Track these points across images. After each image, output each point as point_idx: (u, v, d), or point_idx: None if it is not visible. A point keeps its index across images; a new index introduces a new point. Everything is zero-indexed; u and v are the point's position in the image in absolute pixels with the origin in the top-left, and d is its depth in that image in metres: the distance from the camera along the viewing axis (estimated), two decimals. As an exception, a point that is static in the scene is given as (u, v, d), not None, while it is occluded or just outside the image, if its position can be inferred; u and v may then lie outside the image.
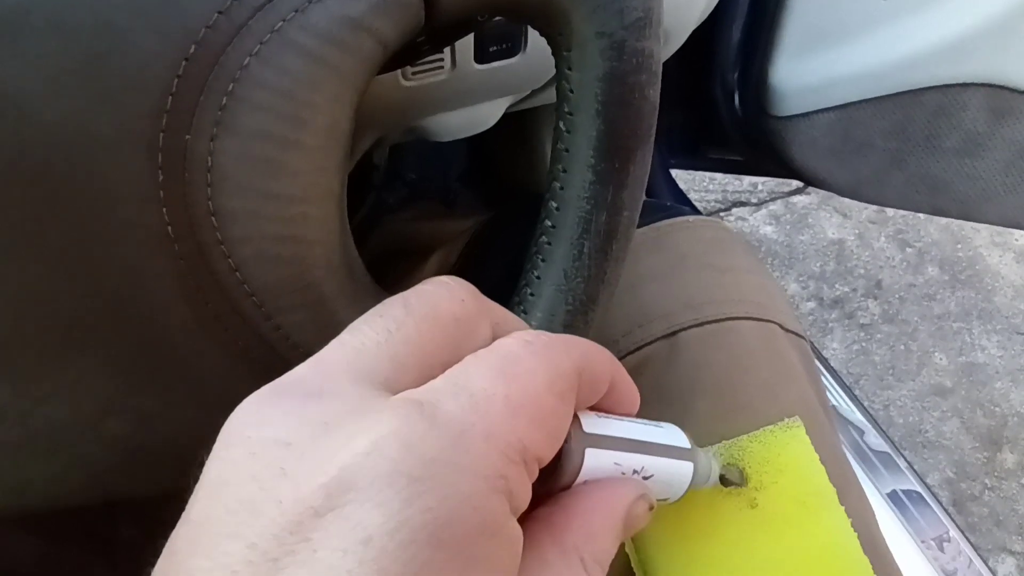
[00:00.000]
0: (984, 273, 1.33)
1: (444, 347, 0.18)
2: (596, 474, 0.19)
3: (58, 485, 0.28)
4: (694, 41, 0.51)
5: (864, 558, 0.27)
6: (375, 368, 0.17)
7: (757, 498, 0.28)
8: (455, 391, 0.16)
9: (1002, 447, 1.16)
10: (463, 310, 0.19)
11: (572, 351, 0.18)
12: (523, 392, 0.17)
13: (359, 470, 0.14)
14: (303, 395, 0.16)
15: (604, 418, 0.20)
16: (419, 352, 0.18)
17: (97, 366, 0.25)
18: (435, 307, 0.18)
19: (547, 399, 0.17)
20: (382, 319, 0.18)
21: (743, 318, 0.35)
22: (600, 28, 0.23)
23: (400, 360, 0.17)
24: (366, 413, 0.16)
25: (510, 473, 0.16)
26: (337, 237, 0.24)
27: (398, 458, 0.15)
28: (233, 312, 0.23)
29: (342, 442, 0.15)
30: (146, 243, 0.22)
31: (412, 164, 0.65)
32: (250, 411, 0.16)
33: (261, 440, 0.15)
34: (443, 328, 0.18)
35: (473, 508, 0.15)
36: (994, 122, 0.60)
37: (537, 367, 0.17)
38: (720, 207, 1.38)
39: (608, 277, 0.26)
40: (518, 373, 0.17)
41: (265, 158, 0.21)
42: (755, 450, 0.29)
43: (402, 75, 0.37)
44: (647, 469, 0.21)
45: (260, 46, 0.20)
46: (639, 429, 0.21)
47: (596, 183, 0.25)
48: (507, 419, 0.16)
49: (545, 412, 0.17)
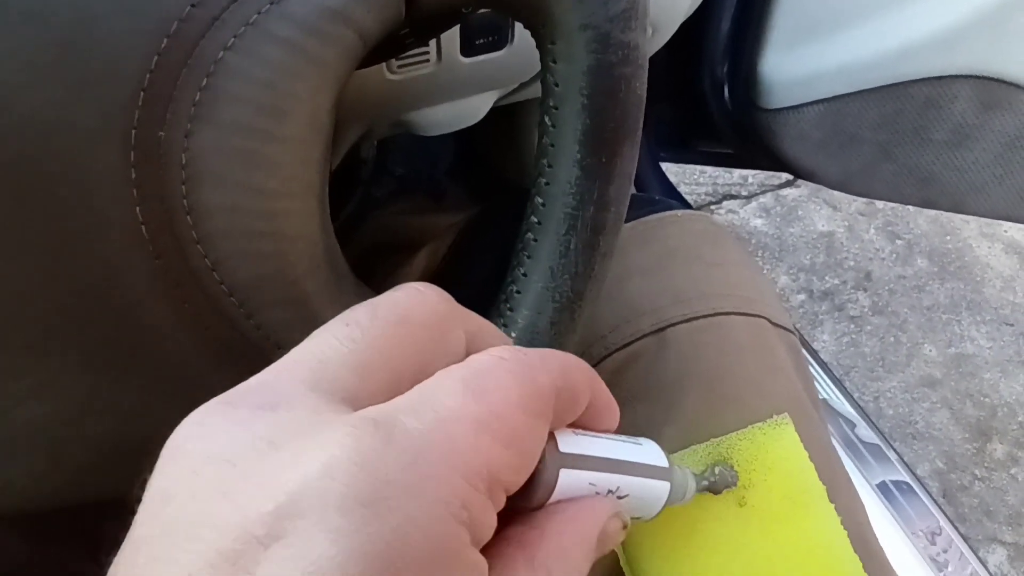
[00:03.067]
0: (973, 264, 1.34)
1: (414, 357, 0.17)
2: (570, 493, 0.19)
3: (39, 485, 0.28)
4: (683, 34, 0.51)
5: (854, 555, 0.27)
6: (337, 378, 0.16)
7: (746, 496, 0.28)
8: (419, 408, 0.15)
9: (991, 438, 1.16)
10: (435, 318, 0.18)
11: (550, 367, 0.17)
12: (493, 412, 0.15)
13: (307, 495, 0.13)
14: (254, 407, 0.15)
15: (581, 436, 0.20)
16: (386, 362, 0.16)
17: (76, 364, 0.24)
18: (405, 314, 0.17)
19: (519, 419, 0.16)
20: (347, 327, 0.17)
21: (732, 313, 0.35)
22: (584, 20, 0.22)
23: (365, 371, 0.16)
24: (318, 431, 0.14)
25: (473, 501, 0.15)
26: (319, 233, 0.24)
27: (350, 482, 0.13)
28: (212, 310, 0.23)
29: (289, 463, 0.14)
30: (121, 240, 0.22)
31: (400, 158, 0.65)
32: (197, 422, 0.15)
33: (205, 456, 0.14)
34: (413, 337, 0.17)
35: (430, 538, 0.14)
36: (983, 114, 0.60)
37: (511, 385, 0.16)
38: (710, 200, 1.37)
39: (595, 273, 0.26)
40: (490, 390, 0.16)
41: (243, 150, 0.21)
42: (744, 448, 0.29)
43: (387, 68, 0.37)
44: (622, 489, 0.20)
45: (235, 39, 0.20)
46: (616, 447, 0.21)
47: (582, 178, 0.24)
48: (473, 441, 0.15)
49: (517, 433, 0.16)
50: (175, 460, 0.15)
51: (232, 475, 0.14)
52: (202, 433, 0.15)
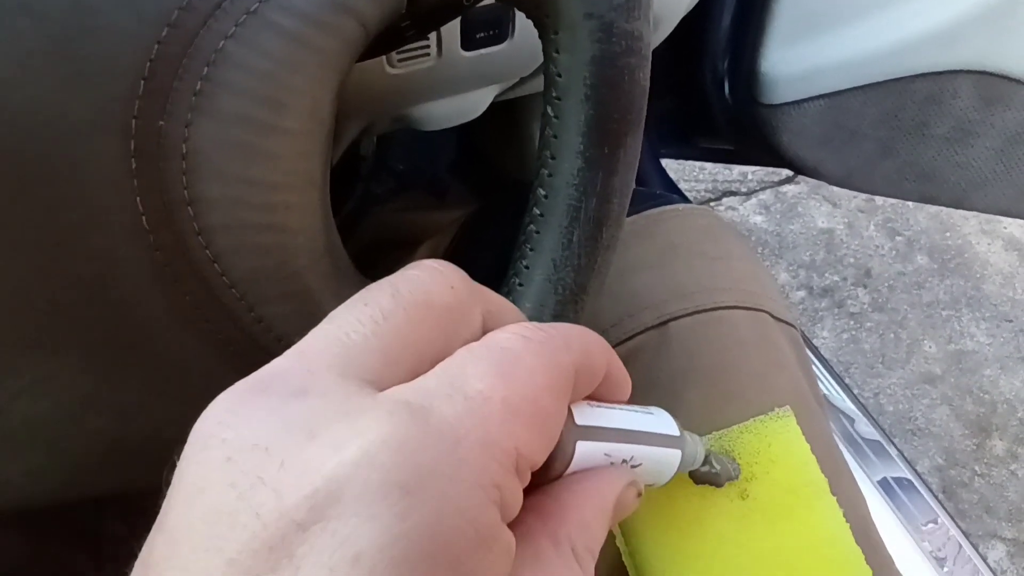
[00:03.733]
0: (973, 261, 1.34)
1: (436, 338, 0.17)
2: (586, 464, 0.19)
3: (39, 482, 0.27)
4: (684, 29, 0.51)
5: (856, 548, 0.27)
6: (363, 363, 0.16)
7: (748, 489, 0.28)
8: (449, 392, 0.15)
9: (991, 434, 1.16)
10: (455, 298, 0.18)
11: (572, 345, 0.18)
12: (522, 395, 0.16)
13: (347, 480, 0.13)
14: (284, 393, 0.15)
15: (596, 408, 0.20)
16: (410, 345, 0.16)
17: (75, 359, 0.24)
18: (426, 295, 0.17)
19: (546, 401, 0.16)
20: (368, 307, 0.17)
21: (734, 307, 0.35)
22: (588, 9, 0.22)
23: (390, 354, 0.16)
24: (354, 415, 0.14)
25: (505, 482, 0.15)
26: (320, 226, 0.23)
27: (390, 467, 0.14)
28: (213, 303, 0.23)
29: (328, 448, 0.14)
30: (121, 233, 0.21)
31: (400, 154, 0.65)
32: (226, 409, 0.15)
33: (239, 444, 0.14)
34: (435, 318, 0.17)
35: (469, 521, 0.14)
36: (984, 109, 0.60)
37: (536, 366, 0.16)
38: (710, 197, 1.37)
39: (598, 265, 0.26)
40: (517, 373, 0.16)
41: (244, 143, 0.21)
42: (747, 440, 0.29)
43: (387, 62, 0.37)
44: (636, 458, 0.21)
45: (236, 28, 0.20)
46: (630, 418, 0.21)
47: (585, 170, 0.24)
48: (504, 424, 0.15)
49: (544, 415, 0.16)
50: (207, 448, 0.15)
51: (269, 462, 0.14)
52: (233, 421, 0.15)
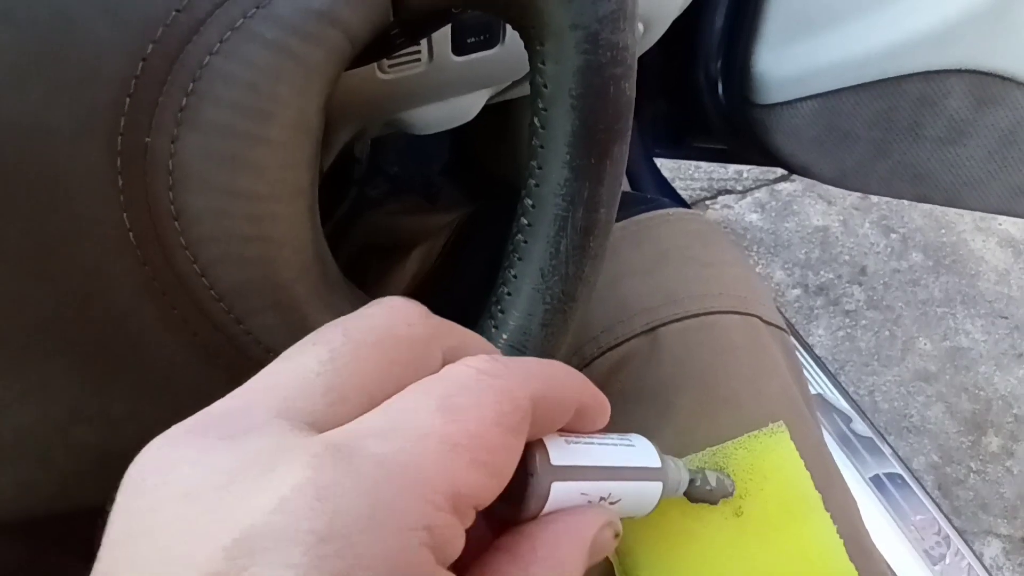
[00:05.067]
0: (968, 258, 1.34)
1: (388, 377, 0.16)
2: (562, 504, 0.19)
3: (29, 493, 0.27)
4: (677, 30, 0.51)
5: (850, 564, 0.27)
6: (304, 404, 0.15)
7: (742, 506, 0.27)
8: (385, 430, 0.15)
9: (986, 431, 1.17)
10: (410, 334, 0.17)
11: (530, 378, 0.17)
12: (465, 429, 0.15)
13: (264, 529, 0.13)
14: (217, 436, 0.15)
15: (572, 444, 0.19)
16: (358, 384, 0.16)
17: (63, 370, 0.24)
18: (378, 332, 0.17)
19: (493, 435, 0.15)
20: (315, 347, 0.16)
21: (725, 312, 0.35)
22: (574, 20, 0.22)
23: (336, 394, 0.16)
24: (279, 461, 0.14)
25: (437, 523, 0.14)
26: (308, 236, 0.23)
27: (305, 515, 0.13)
28: (201, 315, 0.23)
29: (247, 496, 0.13)
30: (108, 246, 0.21)
31: (394, 158, 0.65)
32: (158, 455, 0.15)
33: (165, 493, 0.14)
34: (387, 355, 0.16)
35: (394, 567, 0.13)
36: (977, 109, 0.60)
37: (486, 399, 0.16)
38: (705, 195, 1.37)
39: (586, 274, 0.26)
40: (462, 406, 0.15)
41: (230, 154, 0.21)
42: (740, 457, 0.29)
43: (379, 68, 0.37)
44: (614, 495, 0.20)
45: (220, 43, 0.20)
46: (608, 453, 0.20)
47: (572, 179, 0.24)
48: (441, 462, 0.15)
49: (489, 450, 0.15)
50: (136, 496, 0.14)
51: (191, 510, 0.14)
52: (162, 467, 0.14)
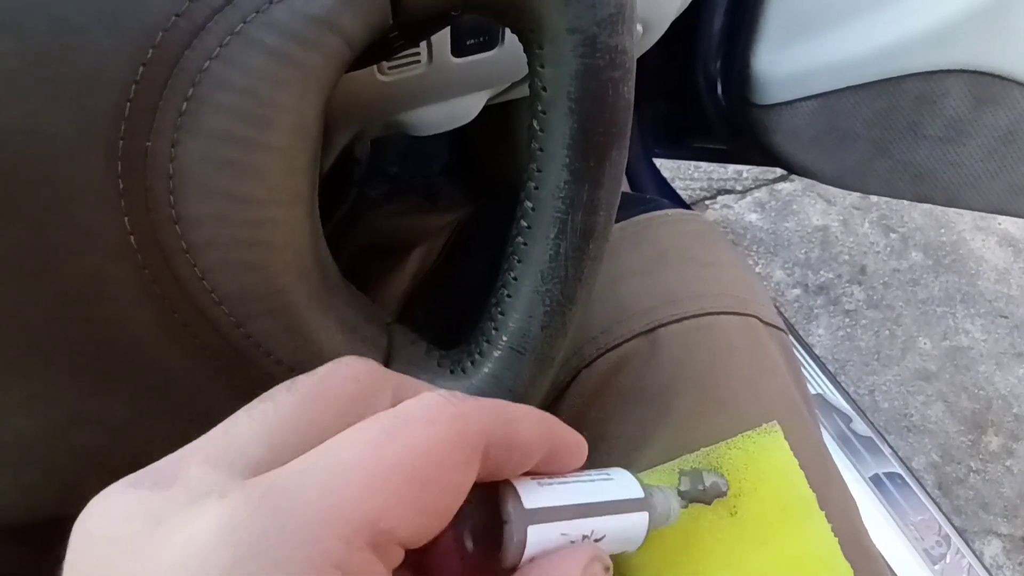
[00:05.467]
0: (967, 257, 1.34)
1: (332, 425, 0.16)
2: (543, 547, 0.18)
3: (31, 498, 0.28)
4: (676, 31, 0.51)
5: (845, 563, 0.27)
6: (242, 453, 0.16)
7: (737, 506, 0.27)
8: (313, 468, 0.15)
9: (987, 430, 1.17)
10: (357, 388, 0.17)
11: (482, 415, 0.17)
12: (393, 464, 0.15)
13: (181, 568, 0.13)
14: (152, 485, 0.15)
15: (545, 485, 0.19)
16: (301, 432, 0.16)
17: (65, 376, 0.24)
18: (324, 385, 0.17)
19: (427, 471, 0.15)
20: (262, 403, 0.17)
21: (723, 313, 0.35)
22: (572, 24, 0.22)
23: (275, 442, 0.16)
24: (204, 502, 0.14)
25: (351, 560, 0.14)
26: (307, 241, 0.24)
27: (216, 554, 0.13)
28: (201, 320, 0.23)
29: (167, 536, 0.14)
30: (108, 251, 0.21)
31: (394, 158, 0.65)
32: (99, 504, 0.16)
33: (100, 536, 0.15)
34: (333, 407, 0.16)
35: None
36: (976, 109, 0.60)
37: (423, 434, 0.15)
38: (705, 195, 1.37)
39: (585, 277, 0.26)
40: (397, 441, 0.15)
41: (230, 160, 0.21)
42: (734, 456, 0.29)
43: (378, 70, 0.37)
44: (597, 531, 0.19)
45: (220, 48, 0.20)
46: (584, 490, 0.20)
47: (571, 182, 0.24)
48: (362, 497, 0.14)
49: (421, 486, 0.15)
50: (78, 541, 0.15)
51: (118, 553, 0.14)
52: (101, 513, 0.15)
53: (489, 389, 0.27)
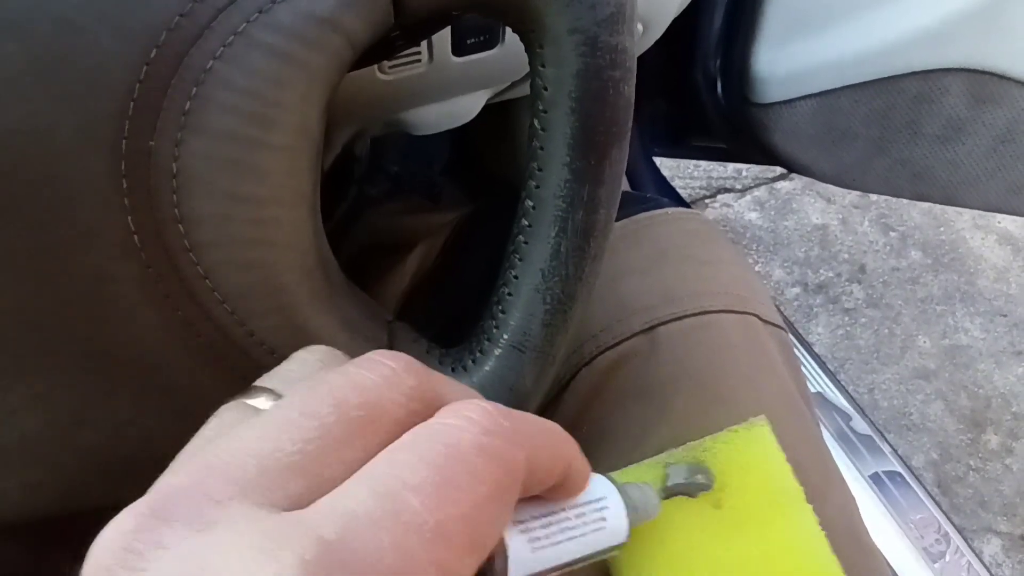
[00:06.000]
0: (967, 256, 1.34)
1: (374, 449, 0.15)
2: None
3: (35, 496, 0.28)
4: (675, 30, 0.51)
5: (832, 555, 0.27)
6: (282, 486, 0.14)
7: (721, 499, 0.28)
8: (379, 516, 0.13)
9: (986, 428, 1.17)
10: (407, 410, 0.16)
11: (525, 437, 0.16)
12: (460, 514, 0.14)
13: None
14: (187, 525, 0.13)
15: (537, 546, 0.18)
16: (345, 460, 0.15)
17: (68, 375, 0.24)
18: (373, 408, 0.15)
19: (487, 515, 0.14)
20: (303, 419, 0.15)
21: (723, 311, 0.35)
22: (573, 24, 0.22)
23: (315, 473, 0.14)
24: (262, 558, 0.13)
25: None
26: (310, 240, 0.24)
27: None
28: (204, 318, 0.23)
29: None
30: (111, 250, 0.22)
31: (395, 157, 0.65)
32: (124, 542, 0.14)
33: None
34: (380, 433, 0.15)
35: None
36: (975, 108, 0.60)
37: (483, 468, 0.14)
38: (705, 194, 1.38)
39: (586, 275, 0.26)
40: (459, 482, 0.14)
41: (233, 160, 0.21)
42: (720, 450, 0.29)
43: (379, 69, 0.37)
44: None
45: (223, 48, 0.20)
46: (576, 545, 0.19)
47: (572, 181, 0.24)
48: (432, 551, 0.13)
49: (481, 533, 0.14)
50: None
51: None
52: (130, 559, 0.13)
53: (490, 387, 0.27)
